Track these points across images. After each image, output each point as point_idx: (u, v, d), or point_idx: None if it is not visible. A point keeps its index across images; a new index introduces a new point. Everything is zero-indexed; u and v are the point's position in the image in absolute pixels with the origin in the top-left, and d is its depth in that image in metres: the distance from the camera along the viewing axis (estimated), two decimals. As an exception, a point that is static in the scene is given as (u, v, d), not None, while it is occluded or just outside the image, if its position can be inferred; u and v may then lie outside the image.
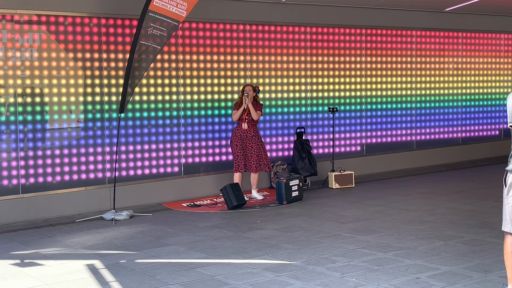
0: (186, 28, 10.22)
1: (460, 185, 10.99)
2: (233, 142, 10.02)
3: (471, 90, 14.19)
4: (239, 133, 9.96)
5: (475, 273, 5.89)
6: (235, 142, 9.99)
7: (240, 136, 9.96)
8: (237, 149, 9.95)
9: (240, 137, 9.96)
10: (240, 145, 9.94)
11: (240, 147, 9.94)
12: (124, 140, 9.67)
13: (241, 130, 9.95)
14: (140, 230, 8.18)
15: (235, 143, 9.98)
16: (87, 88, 9.36)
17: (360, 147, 12.45)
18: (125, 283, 5.92)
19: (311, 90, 11.70)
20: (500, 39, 14.54)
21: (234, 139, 10.00)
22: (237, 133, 9.99)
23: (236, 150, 9.96)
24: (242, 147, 9.95)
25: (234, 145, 9.99)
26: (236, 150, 9.96)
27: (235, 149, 9.98)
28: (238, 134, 9.97)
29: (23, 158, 8.86)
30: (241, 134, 9.96)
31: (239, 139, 9.95)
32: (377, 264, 6.30)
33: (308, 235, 7.64)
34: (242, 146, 9.95)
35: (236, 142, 9.97)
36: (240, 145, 9.94)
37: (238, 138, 9.97)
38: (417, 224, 8.06)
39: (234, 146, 9.99)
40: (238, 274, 6.10)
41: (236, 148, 9.96)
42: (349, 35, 12.12)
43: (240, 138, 9.95)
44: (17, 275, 6.32)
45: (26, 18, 8.80)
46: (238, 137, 9.97)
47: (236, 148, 9.96)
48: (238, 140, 9.96)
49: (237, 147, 9.95)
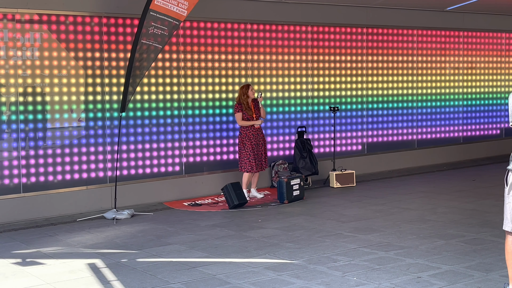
0: (187, 27, 10.22)
1: (461, 184, 10.98)
2: (246, 143, 9.90)
3: (473, 89, 14.18)
4: (251, 133, 9.91)
5: (476, 272, 5.89)
6: (248, 143, 9.90)
7: (252, 136, 9.91)
8: (250, 150, 9.88)
9: (252, 137, 9.91)
10: (252, 145, 9.88)
11: (252, 147, 9.88)
12: (125, 139, 9.67)
13: (253, 130, 9.92)
14: (141, 229, 8.18)
15: (248, 144, 9.90)
16: (88, 87, 9.36)
17: (361, 146, 12.45)
18: (126, 282, 5.92)
19: (312, 89, 11.70)
20: (501, 38, 14.53)
21: (246, 140, 9.89)
22: (248, 134, 9.92)
23: (249, 150, 9.88)
24: (254, 146, 9.90)
25: (247, 146, 9.89)
26: (249, 150, 9.88)
27: (248, 149, 9.89)
28: (250, 134, 9.91)
29: (24, 157, 8.87)
30: (253, 133, 9.92)
31: (251, 138, 9.90)
32: (378, 263, 6.30)
33: (309, 234, 7.64)
34: (254, 145, 9.90)
35: (249, 142, 9.90)
36: (252, 144, 9.88)
37: (250, 138, 9.89)
38: (418, 223, 8.06)
39: (248, 147, 9.88)
40: (239, 273, 6.10)
41: (250, 148, 9.88)
42: (350, 34, 12.12)
43: (253, 138, 9.90)
44: (18, 274, 6.32)
45: (27, 17, 8.80)
46: (250, 137, 9.90)
47: (250, 148, 9.88)
48: (250, 140, 9.89)
49: (250, 147, 9.88)
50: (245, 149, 9.92)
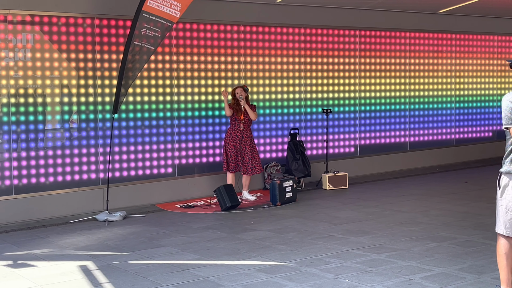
0: (180, 28, 10.21)
1: (454, 187, 11.00)
2: (228, 143, 9.99)
3: (465, 92, 14.22)
4: (235, 134, 9.95)
5: (468, 275, 5.90)
6: (230, 142, 9.97)
7: (235, 137, 9.95)
8: (231, 150, 9.94)
9: (235, 138, 9.94)
10: (234, 146, 9.94)
11: (234, 148, 9.94)
12: (117, 141, 9.65)
13: (237, 130, 9.94)
14: (133, 231, 8.16)
15: (230, 143, 9.97)
16: (80, 89, 9.34)
17: (354, 149, 12.46)
18: (118, 285, 5.90)
19: (305, 91, 11.70)
20: (494, 41, 14.58)
21: (229, 140, 9.98)
22: (232, 134, 9.98)
23: (230, 150, 9.95)
24: (236, 148, 9.95)
25: (229, 146, 9.98)
26: (230, 150, 9.95)
27: (229, 149, 9.96)
28: (234, 135, 9.96)
29: (16, 159, 8.83)
30: (237, 134, 9.95)
31: (235, 139, 9.94)
32: (370, 265, 6.30)
33: (302, 236, 7.64)
34: (236, 147, 9.94)
35: (231, 142, 9.95)
36: (234, 146, 9.94)
37: (233, 138, 9.95)
38: (410, 225, 8.06)
39: (230, 146, 9.97)
40: (232, 276, 6.09)
41: (231, 149, 9.94)
42: (343, 37, 12.13)
43: (236, 138, 9.94)
44: (9, 276, 6.29)
45: (19, 19, 8.77)
46: (233, 137, 9.96)
47: (231, 149, 9.94)
48: (233, 141, 9.95)
49: (232, 148, 9.94)
50: (226, 149, 9.99)
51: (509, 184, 4.90)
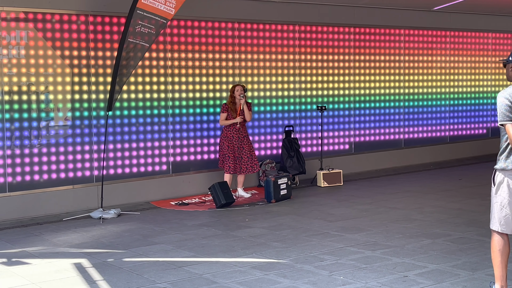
0: (175, 26, 10.19)
1: (448, 184, 11.02)
2: (224, 143, 9.95)
3: (459, 89, 14.24)
4: (231, 134, 9.91)
5: (462, 271, 5.91)
6: (226, 142, 9.92)
7: (232, 137, 9.91)
8: (228, 150, 9.90)
9: (231, 138, 9.91)
10: (231, 146, 9.90)
11: (231, 148, 9.90)
12: (112, 138, 9.63)
13: (234, 130, 9.91)
14: (128, 229, 8.15)
15: (226, 143, 9.92)
16: (74, 86, 9.31)
17: (349, 146, 12.47)
18: (113, 282, 5.90)
19: (300, 88, 11.70)
20: (488, 38, 14.60)
21: (226, 140, 9.93)
22: (228, 134, 9.93)
23: (227, 151, 9.90)
24: (233, 148, 9.92)
25: (225, 146, 9.93)
26: (227, 151, 9.90)
27: (226, 149, 9.91)
28: (230, 135, 9.92)
29: (10, 156, 8.81)
30: (234, 134, 9.91)
31: (231, 139, 9.90)
32: (365, 262, 6.31)
33: (296, 233, 7.64)
34: (233, 147, 9.91)
35: (228, 142, 9.91)
36: (231, 145, 9.90)
37: (230, 138, 9.90)
38: (405, 222, 8.08)
39: (225, 147, 9.93)
40: (226, 273, 6.09)
41: (227, 149, 9.90)
42: (337, 34, 12.13)
43: (232, 139, 9.90)
44: (3, 273, 6.27)
45: (13, 15, 8.74)
46: (230, 137, 9.91)
47: (227, 149, 9.90)
48: (230, 141, 9.91)
49: (228, 148, 9.89)
50: (223, 149, 9.93)
51: (504, 181, 4.91)
